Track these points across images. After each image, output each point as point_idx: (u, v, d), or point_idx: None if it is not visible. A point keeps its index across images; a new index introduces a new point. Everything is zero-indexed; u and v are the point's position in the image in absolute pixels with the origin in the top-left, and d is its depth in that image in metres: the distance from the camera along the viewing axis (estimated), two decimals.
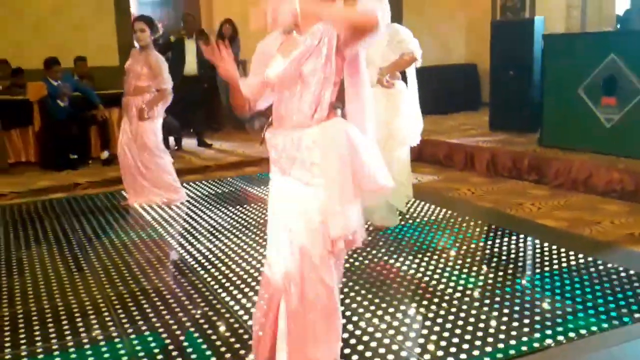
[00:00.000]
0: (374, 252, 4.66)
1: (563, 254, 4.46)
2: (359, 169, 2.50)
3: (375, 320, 3.50)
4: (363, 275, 4.21)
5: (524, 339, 3.23)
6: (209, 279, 4.23)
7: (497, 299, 3.73)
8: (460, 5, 13.04)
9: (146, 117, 6.07)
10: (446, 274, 4.17)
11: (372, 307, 3.67)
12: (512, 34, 8.84)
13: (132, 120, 6.16)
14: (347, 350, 3.13)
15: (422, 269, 4.28)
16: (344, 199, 2.48)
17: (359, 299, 3.81)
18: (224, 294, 3.95)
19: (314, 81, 2.44)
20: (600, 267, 4.19)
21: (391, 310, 3.63)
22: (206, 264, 4.53)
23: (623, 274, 4.05)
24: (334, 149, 2.48)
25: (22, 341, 3.43)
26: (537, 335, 3.26)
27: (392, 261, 4.45)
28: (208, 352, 3.21)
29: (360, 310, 3.64)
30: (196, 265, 4.51)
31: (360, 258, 4.53)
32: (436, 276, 4.14)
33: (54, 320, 3.67)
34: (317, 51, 2.41)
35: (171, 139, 9.18)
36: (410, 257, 4.53)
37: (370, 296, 3.84)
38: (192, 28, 9.28)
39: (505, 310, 3.55)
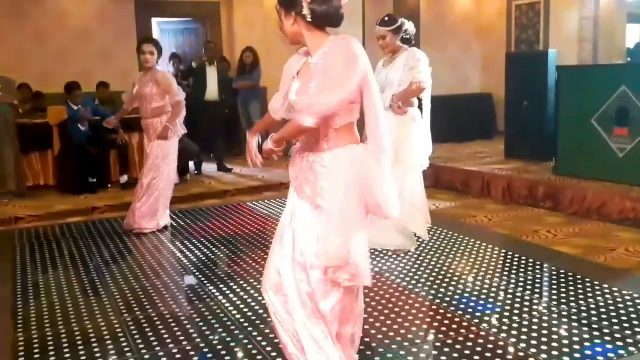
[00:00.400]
0: (392, 277, 4.68)
1: (579, 281, 4.46)
2: (369, 198, 2.56)
3: (395, 346, 3.52)
4: (382, 301, 4.22)
5: None
6: (227, 304, 4.23)
7: (515, 325, 3.73)
8: (477, 37, 13.23)
9: (171, 136, 6.09)
10: (464, 300, 4.18)
11: (391, 333, 3.69)
12: (527, 65, 8.92)
13: (151, 139, 6.18)
14: None
15: (440, 295, 4.29)
16: (344, 228, 2.54)
17: (377, 324, 3.82)
18: (242, 320, 3.95)
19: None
20: (616, 294, 4.19)
21: (410, 336, 3.64)
22: (224, 289, 4.54)
23: (638, 301, 4.05)
24: (342, 175, 2.55)
25: None
26: None
27: (410, 287, 4.47)
28: None
29: (380, 336, 3.66)
30: (214, 290, 4.53)
31: (379, 284, 4.54)
32: (454, 302, 4.15)
33: (69, 346, 3.66)
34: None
35: (191, 164, 9.28)
36: (429, 283, 4.54)
37: (389, 322, 3.85)
38: (213, 55, 9.42)
39: (523, 337, 3.56)
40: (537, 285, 4.45)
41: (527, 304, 4.09)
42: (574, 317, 3.85)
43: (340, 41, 2.58)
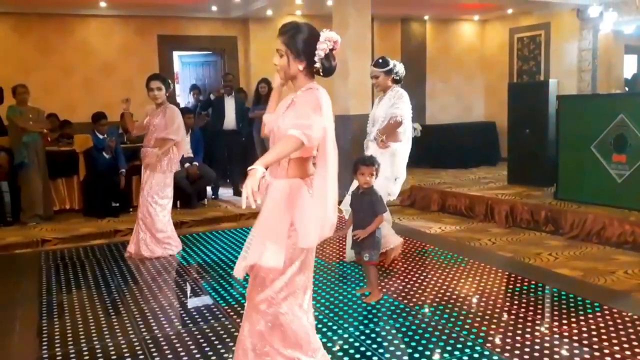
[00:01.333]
0: (399, 299, 4.66)
1: (580, 302, 4.43)
2: (296, 221, 2.83)
3: None
4: (389, 320, 4.21)
5: None
6: (241, 323, 4.23)
7: (518, 345, 3.70)
8: (480, 68, 13.32)
9: (164, 168, 6.11)
10: (469, 321, 4.16)
11: (398, 352, 3.67)
12: (528, 94, 8.96)
13: (147, 169, 6.18)
14: None
15: (445, 315, 4.27)
16: (267, 236, 2.83)
17: (385, 344, 3.81)
18: None
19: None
20: (616, 315, 4.15)
21: (416, 355, 3.62)
22: (239, 308, 4.54)
23: (637, 322, 4.01)
24: (283, 198, 2.83)
25: None
26: None
27: (417, 307, 4.45)
28: None
29: (387, 355, 3.64)
30: (230, 310, 4.53)
31: (387, 304, 4.53)
32: (459, 322, 4.13)
33: None
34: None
35: (209, 189, 9.33)
36: (434, 304, 4.52)
37: (396, 341, 3.84)
38: (231, 86, 9.51)
39: (526, 357, 3.53)
40: (539, 307, 4.42)
41: (529, 324, 4.06)
42: (575, 338, 3.81)
43: (313, 90, 2.84)
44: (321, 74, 2.88)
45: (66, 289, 5.27)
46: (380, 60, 5.48)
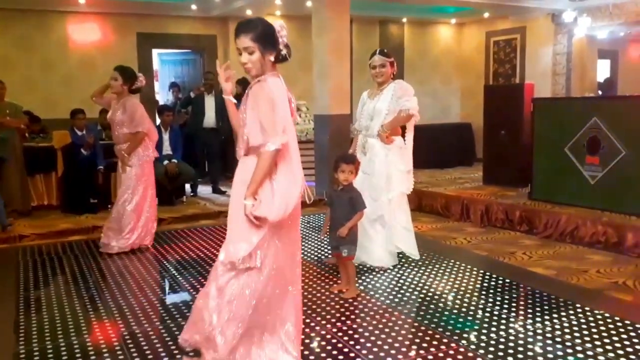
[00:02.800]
0: (376, 295, 4.67)
1: (553, 300, 4.47)
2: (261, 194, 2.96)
3: None
4: (366, 317, 4.21)
5: None
6: None
7: (492, 342, 3.72)
8: (457, 70, 13.42)
9: (128, 164, 6.05)
10: (444, 318, 4.17)
11: (375, 349, 3.67)
12: (504, 97, 9.02)
13: (122, 172, 6.16)
14: None
15: (421, 313, 4.28)
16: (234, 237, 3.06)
17: (362, 340, 3.81)
18: None
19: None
20: (588, 313, 4.19)
21: (392, 351, 3.62)
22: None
23: (609, 320, 4.05)
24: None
25: None
26: None
27: (393, 305, 4.45)
28: None
29: (364, 351, 3.64)
30: None
31: (364, 302, 4.53)
32: (435, 319, 4.13)
33: (69, 358, 3.62)
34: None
35: (187, 186, 9.27)
36: (411, 301, 4.53)
37: (372, 338, 3.84)
38: (212, 84, 9.46)
39: (500, 353, 3.54)
40: (513, 304, 4.44)
41: (503, 322, 4.08)
42: (548, 335, 3.84)
43: (262, 84, 2.95)
44: (288, 59, 3.03)
45: (44, 284, 5.20)
46: (385, 50, 5.47)
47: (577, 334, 3.83)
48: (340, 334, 3.90)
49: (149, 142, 6.25)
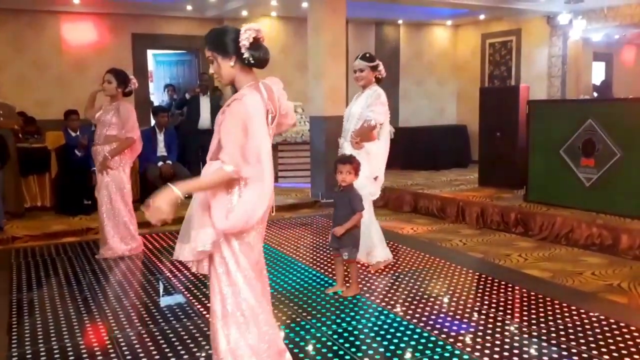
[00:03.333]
0: (372, 298, 4.66)
1: (548, 303, 4.47)
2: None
3: None
4: (362, 320, 4.20)
5: None
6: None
7: (488, 344, 3.72)
8: (453, 73, 13.44)
9: (109, 166, 5.96)
10: (439, 320, 4.16)
11: (370, 351, 3.66)
12: (499, 99, 9.02)
13: (99, 168, 6.05)
14: None
15: (417, 315, 4.27)
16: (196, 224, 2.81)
17: (357, 343, 3.80)
18: None
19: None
20: (583, 315, 4.19)
21: (388, 354, 3.62)
22: None
23: (604, 322, 4.06)
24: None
25: None
26: None
27: (388, 307, 4.45)
28: None
29: (359, 354, 3.63)
30: (201, 308, 4.48)
31: (359, 304, 4.53)
32: (430, 322, 4.13)
33: None
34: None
35: None
36: (406, 304, 4.52)
37: (368, 340, 3.83)
38: (207, 85, 9.44)
39: (495, 356, 3.54)
40: (509, 307, 4.44)
41: (499, 324, 4.08)
42: (544, 338, 3.84)
43: (239, 102, 2.72)
44: (253, 64, 2.79)
45: (37, 286, 5.17)
46: (368, 55, 5.42)
47: (572, 336, 3.83)
48: (335, 336, 3.89)
49: (129, 152, 6.16)
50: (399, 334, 3.93)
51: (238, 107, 2.71)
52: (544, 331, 3.94)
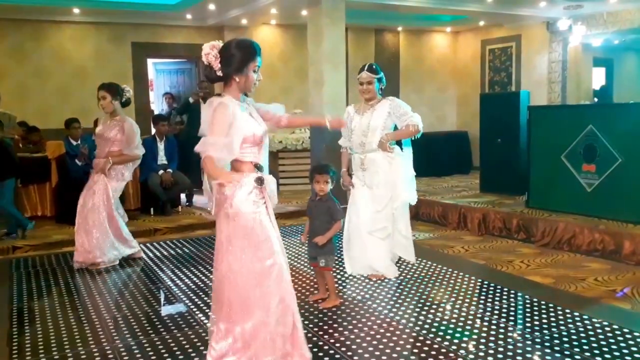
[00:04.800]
0: (374, 305, 4.65)
1: (551, 309, 4.46)
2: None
3: None
4: (364, 328, 4.19)
5: None
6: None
7: (491, 351, 3.71)
8: (453, 79, 13.46)
9: (114, 176, 5.98)
10: (442, 327, 4.15)
11: (373, 359, 3.65)
12: (500, 105, 9.02)
13: (96, 178, 6.05)
14: None
15: (419, 322, 4.26)
16: None
17: (360, 351, 3.78)
18: None
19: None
20: (586, 322, 4.18)
21: None
22: (213, 316, 4.48)
23: (607, 328, 4.05)
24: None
25: None
26: None
27: (391, 314, 4.44)
28: None
29: None
30: (203, 318, 4.47)
31: (362, 311, 4.51)
32: (433, 329, 4.12)
33: None
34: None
35: (183, 196, 9.24)
36: (409, 311, 4.51)
37: (370, 348, 3.82)
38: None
39: None
40: (512, 313, 4.43)
41: (502, 331, 4.06)
42: (547, 344, 3.83)
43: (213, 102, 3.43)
44: (211, 80, 3.63)
45: (37, 296, 5.16)
46: (374, 67, 5.35)
47: (575, 343, 3.82)
48: (337, 344, 3.88)
49: (131, 165, 6.20)
50: (401, 342, 3.91)
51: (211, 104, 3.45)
52: (547, 337, 3.93)
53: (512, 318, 4.34)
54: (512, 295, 4.83)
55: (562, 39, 11.07)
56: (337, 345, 3.87)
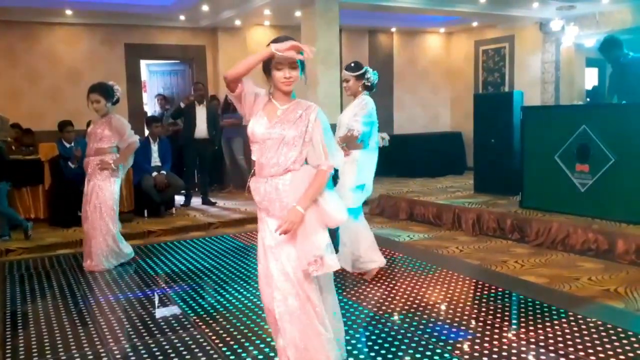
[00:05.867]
0: (368, 307, 4.65)
1: (545, 309, 4.47)
2: (322, 206, 2.98)
3: None
4: (359, 329, 4.19)
5: None
6: (210, 334, 4.17)
7: (486, 351, 3.72)
8: (446, 80, 13.48)
9: (110, 167, 5.93)
10: (437, 328, 4.16)
11: None
12: (493, 105, 9.04)
13: (90, 178, 6.02)
14: None
15: (414, 323, 4.27)
16: (309, 231, 2.93)
17: (355, 352, 3.79)
18: (224, 348, 3.90)
19: (298, 143, 2.99)
20: (581, 321, 4.20)
21: None
22: (208, 318, 4.49)
23: (601, 328, 4.06)
24: (302, 190, 2.96)
25: None
26: None
27: (386, 315, 4.44)
28: None
29: None
30: (198, 320, 4.47)
31: (357, 312, 4.52)
32: (428, 329, 4.13)
33: None
34: (298, 122, 3.01)
35: (178, 197, 9.24)
36: (403, 311, 4.52)
37: (365, 349, 3.82)
38: (202, 95, 9.45)
39: None
40: (506, 313, 4.45)
41: (496, 331, 4.07)
42: (542, 344, 3.84)
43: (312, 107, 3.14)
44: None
45: (31, 299, 5.14)
46: (353, 64, 5.40)
47: (569, 342, 3.83)
48: None
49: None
50: (396, 342, 3.92)
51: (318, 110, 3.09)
52: (542, 337, 3.94)
53: (506, 318, 4.35)
54: (506, 295, 4.85)
55: (555, 40, 11.11)
56: None
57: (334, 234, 4.61)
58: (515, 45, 11.90)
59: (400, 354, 3.74)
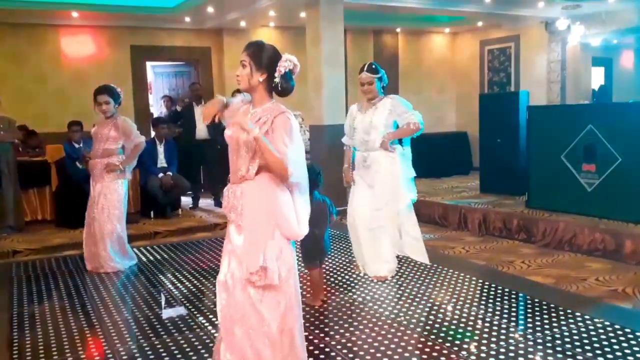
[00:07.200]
0: (375, 307, 4.64)
1: (552, 309, 4.45)
2: (278, 216, 2.92)
3: None
4: (365, 329, 4.18)
5: None
6: (216, 334, 4.16)
7: (492, 352, 3.70)
8: (452, 80, 13.45)
9: (117, 168, 5.95)
10: (443, 328, 4.14)
11: None
12: (499, 105, 9.02)
13: (97, 180, 6.03)
14: None
15: (420, 323, 4.26)
16: (259, 239, 2.89)
17: (361, 353, 3.77)
18: None
19: (251, 149, 2.90)
20: (588, 322, 4.17)
21: None
22: (214, 319, 4.47)
23: (609, 328, 4.04)
24: (255, 199, 2.92)
25: None
26: None
27: (392, 315, 4.43)
28: None
29: None
30: (204, 321, 4.47)
31: (363, 313, 4.51)
32: (434, 330, 4.11)
33: None
34: (260, 126, 2.87)
35: (184, 198, 9.24)
36: (410, 312, 4.50)
37: (372, 350, 3.81)
38: (198, 96, 9.44)
39: None
40: (513, 314, 4.42)
41: (503, 331, 4.06)
42: (549, 345, 3.82)
43: (285, 115, 2.90)
44: (279, 89, 2.96)
45: (38, 300, 5.15)
46: (374, 66, 5.35)
47: (577, 343, 3.81)
48: (339, 346, 3.87)
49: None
50: (403, 343, 3.90)
51: (286, 121, 2.88)
52: (549, 338, 3.92)
53: (513, 318, 4.33)
54: (513, 296, 4.83)
55: (561, 39, 11.07)
56: (338, 347, 3.85)
57: (320, 240, 4.62)
58: (521, 44, 11.86)
59: (406, 354, 3.73)
